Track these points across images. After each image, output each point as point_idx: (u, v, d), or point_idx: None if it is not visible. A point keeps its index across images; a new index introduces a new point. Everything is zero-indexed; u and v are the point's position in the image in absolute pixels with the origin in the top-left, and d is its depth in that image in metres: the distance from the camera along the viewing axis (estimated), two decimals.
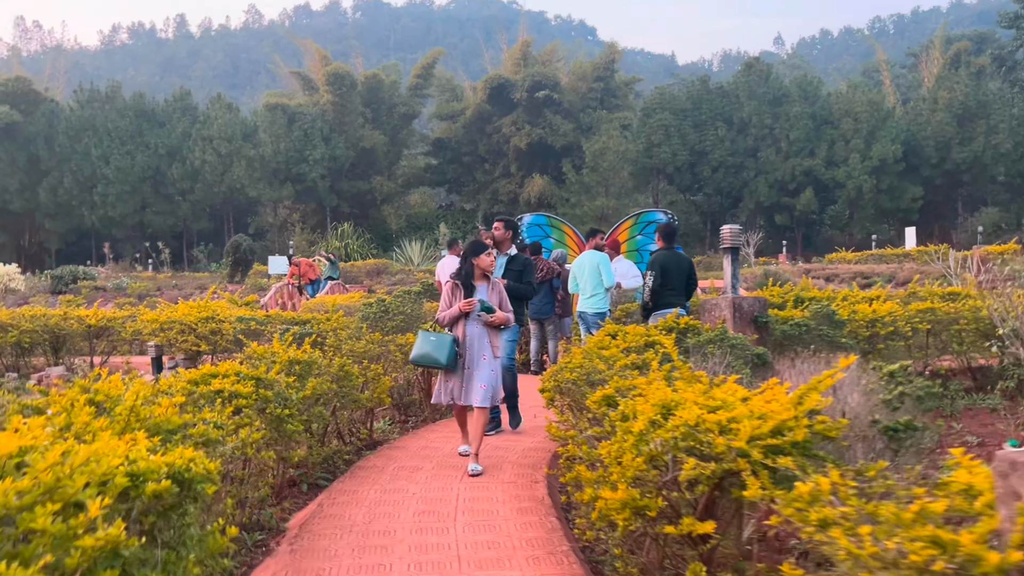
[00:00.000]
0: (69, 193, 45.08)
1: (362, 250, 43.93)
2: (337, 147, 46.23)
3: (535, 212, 14.01)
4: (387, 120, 49.56)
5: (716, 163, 44.06)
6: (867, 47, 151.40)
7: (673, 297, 7.23)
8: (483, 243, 5.76)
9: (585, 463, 3.28)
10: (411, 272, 28.57)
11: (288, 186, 45.80)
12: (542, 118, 45.76)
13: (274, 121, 46.52)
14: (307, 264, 18.68)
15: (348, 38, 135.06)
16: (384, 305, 7.22)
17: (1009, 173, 42.22)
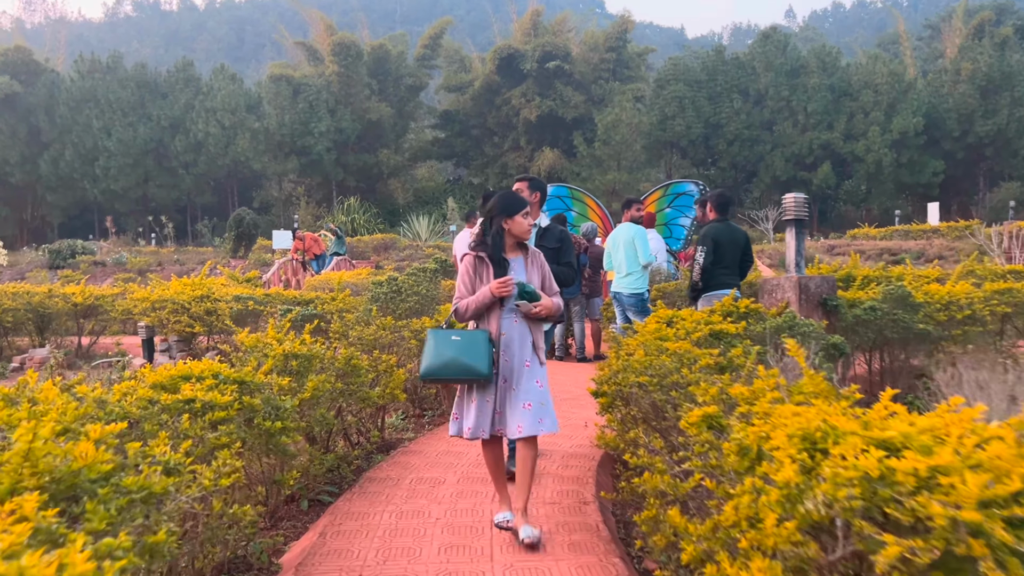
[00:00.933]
0: (71, 166, 44.24)
1: (368, 225, 43.05)
2: (343, 119, 45.22)
3: (555, 183, 12.99)
4: (394, 92, 48.46)
5: (731, 136, 42.92)
6: (880, 20, 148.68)
7: (727, 276, 6.36)
8: (519, 198, 3.80)
9: (676, 502, 2.44)
10: (420, 247, 27.71)
11: (293, 159, 44.88)
12: (552, 89, 44.63)
13: (279, 93, 45.46)
14: (312, 238, 17.82)
15: (354, 11, 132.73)
16: (396, 284, 6.36)
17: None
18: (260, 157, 44.34)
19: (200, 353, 8.96)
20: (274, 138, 44.59)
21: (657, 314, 4.93)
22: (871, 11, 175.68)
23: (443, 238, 38.74)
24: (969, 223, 24.23)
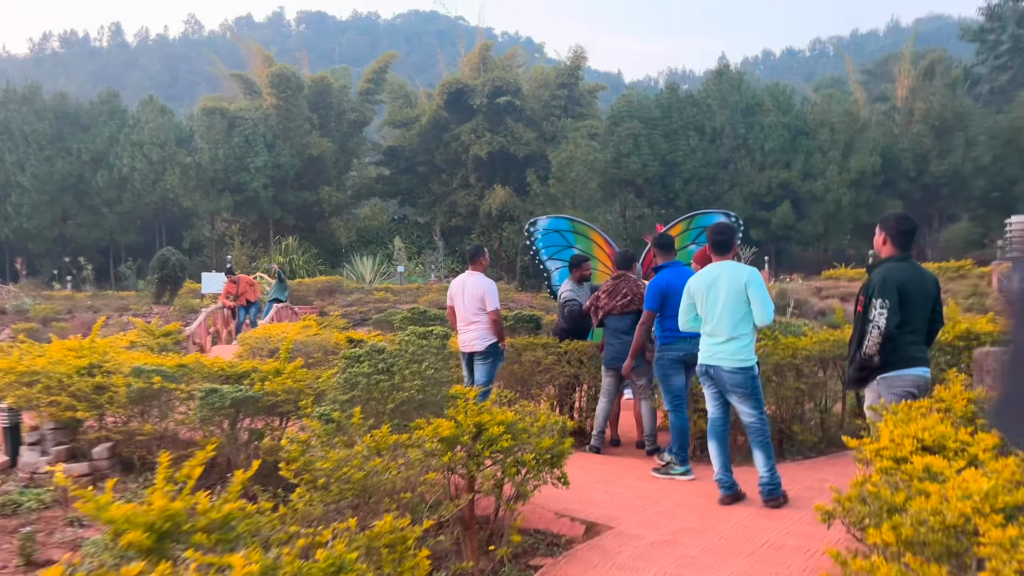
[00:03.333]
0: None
1: (308, 266, 40.37)
2: (281, 154, 42.61)
3: (553, 214, 10.82)
4: (336, 127, 46.14)
5: (688, 174, 41.67)
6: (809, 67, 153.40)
7: (915, 346, 4.30)
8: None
9: None
10: (368, 291, 25.21)
11: (227, 196, 41.96)
12: (503, 126, 42.89)
13: (212, 126, 42.71)
14: (247, 282, 15.24)
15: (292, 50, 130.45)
16: (385, 360, 4.05)
17: (987, 187, 40.74)
18: (191, 194, 41.35)
19: (87, 447, 6.41)
20: (206, 174, 41.69)
21: (922, 403, 2.74)
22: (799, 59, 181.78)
23: (390, 279, 36.31)
24: (962, 263, 22.98)
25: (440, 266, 39.12)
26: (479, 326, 6.91)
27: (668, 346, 5.95)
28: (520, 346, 7.31)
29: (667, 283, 5.97)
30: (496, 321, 6.95)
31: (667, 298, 5.89)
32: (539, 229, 10.05)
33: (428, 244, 44.37)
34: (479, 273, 7.18)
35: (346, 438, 3.46)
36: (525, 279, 35.63)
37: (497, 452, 3.69)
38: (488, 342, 6.88)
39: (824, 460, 6.23)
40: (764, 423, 5.01)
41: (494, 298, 6.97)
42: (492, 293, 7.01)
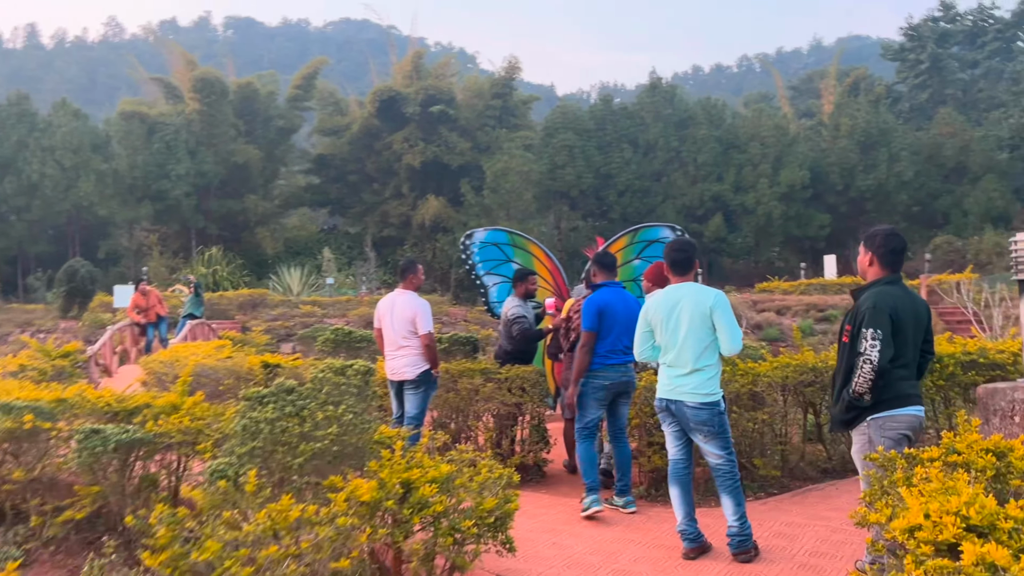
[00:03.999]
0: None
1: (232, 278, 38.80)
2: (205, 162, 40.98)
3: (490, 227, 10.14)
4: (263, 134, 44.67)
5: (622, 187, 41.69)
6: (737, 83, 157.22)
7: (907, 382, 3.78)
8: None
9: None
10: (295, 304, 24.11)
11: (146, 204, 40.11)
12: (437, 135, 42.19)
13: (130, 131, 40.86)
14: (156, 296, 14.15)
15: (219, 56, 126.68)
16: (294, 402, 3.32)
17: (910, 202, 41.86)
18: (107, 202, 39.32)
19: None
20: (124, 181, 39.78)
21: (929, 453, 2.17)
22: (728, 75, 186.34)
23: (318, 292, 35.13)
24: None
25: (372, 278, 38.10)
26: (409, 351, 6.22)
27: (594, 373, 5.44)
28: (456, 372, 6.64)
29: (605, 303, 5.45)
30: (429, 346, 6.25)
31: (603, 319, 5.38)
32: (476, 242, 9.41)
33: (359, 255, 43.24)
34: (411, 292, 6.49)
35: (238, 512, 2.74)
36: (460, 292, 34.93)
37: (429, 516, 3.02)
38: (419, 369, 6.19)
39: (789, 498, 5.72)
40: (733, 465, 4.45)
41: (427, 320, 6.29)
42: (425, 314, 6.32)
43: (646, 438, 5.63)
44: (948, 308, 19.95)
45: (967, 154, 41.75)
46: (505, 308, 7.27)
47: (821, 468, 6.30)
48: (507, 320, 7.15)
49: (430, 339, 6.28)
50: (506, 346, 7.18)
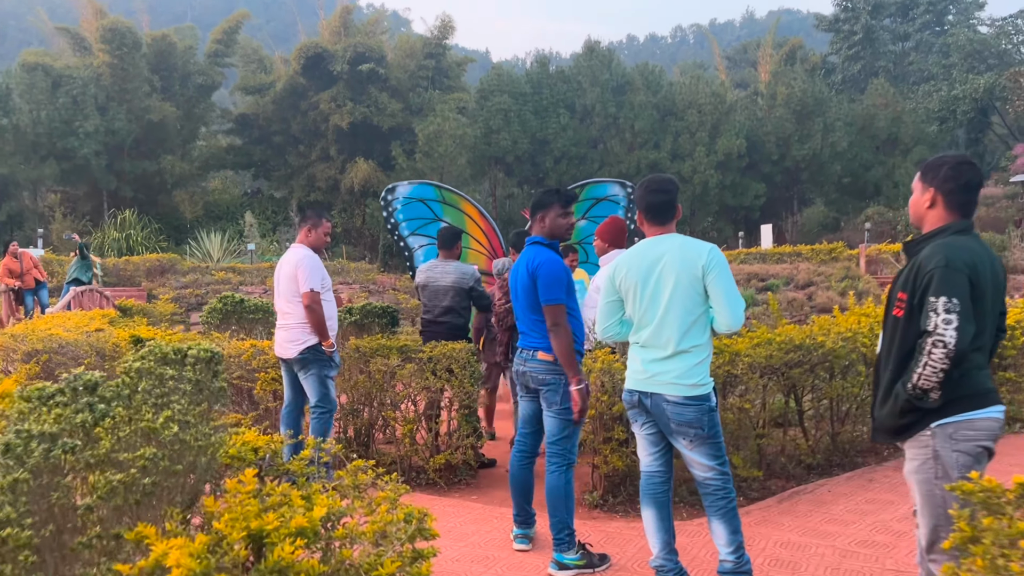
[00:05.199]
0: None
1: (148, 243, 36.60)
2: (116, 119, 38.27)
3: (416, 180, 8.87)
4: (181, 91, 42.01)
5: (559, 153, 40.64)
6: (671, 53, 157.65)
7: (986, 372, 2.79)
8: None
9: None
10: (208, 270, 22.41)
11: (52, 163, 37.31)
12: (367, 95, 40.34)
13: (33, 84, 37.74)
14: (31, 259, 12.53)
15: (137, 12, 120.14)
16: (95, 408, 2.18)
17: (843, 172, 42.03)
18: (7, 159, 36.53)
19: None
20: (27, 137, 36.90)
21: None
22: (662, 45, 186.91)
23: (239, 258, 33.34)
24: (833, 246, 22.82)
25: None
26: (292, 321, 5.17)
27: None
28: (368, 350, 5.48)
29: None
30: (309, 308, 5.08)
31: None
32: (399, 198, 8.24)
33: (284, 220, 41.34)
34: (302, 245, 5.42)
35: None
36: (388, 259, 33.59)
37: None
38: (302, 344, 5.09)
39: (775, 505, 4.77)
40: (727, 479, 3.42)
41: (309, 276, 5.14)
42: (307, 268, 5.16)
43: (602, 433, 4.58)
44: (888, 278, 19.69)
45: (899, 126, 42.04)
46: (470, 273, 6.31)
47: (804, 464, 5.37)
48: (475, 286, 6.34)
49: (310, 299, 5.13)
50: (482, 323, 6.54)
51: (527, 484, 4.20)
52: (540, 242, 4.06)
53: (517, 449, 4.21)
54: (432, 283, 6.19)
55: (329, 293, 5.24)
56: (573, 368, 3.77)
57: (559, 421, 3.86)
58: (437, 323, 6.07)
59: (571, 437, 3.95)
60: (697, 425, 3.33)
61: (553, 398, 3.89)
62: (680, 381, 3.27)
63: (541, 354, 3.94)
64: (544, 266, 3.90)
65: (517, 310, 4.02)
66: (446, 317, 6.05)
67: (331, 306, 5.24)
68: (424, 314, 6.31)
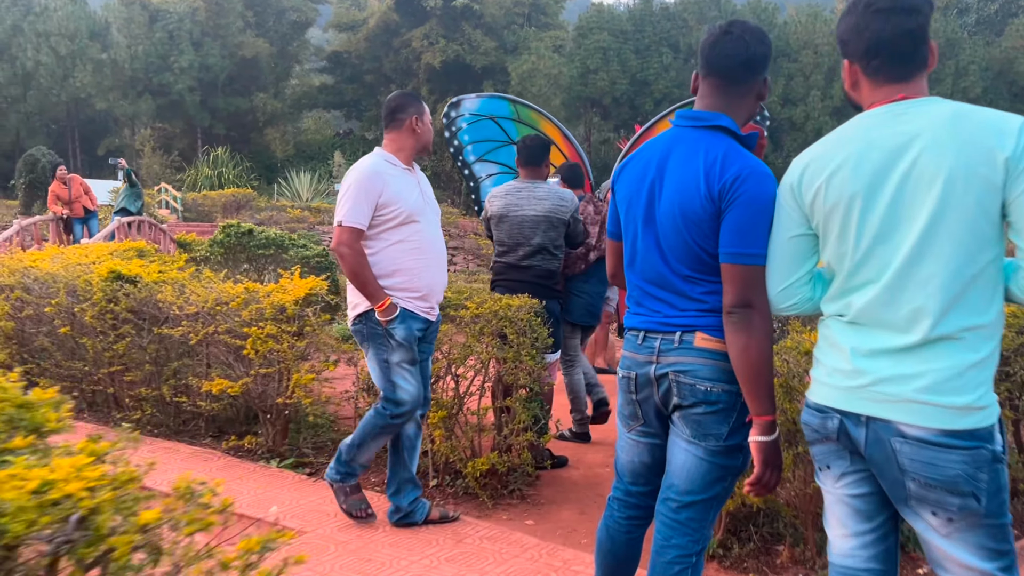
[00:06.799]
0: None
1: (239, 180, 36.43)
2: (210, 54, 38.06)
3: (485, 93, 7.27)
4: (275, 27, 41.57)
5: (659, 95, 38.24)
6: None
7: None
8: None
9: None
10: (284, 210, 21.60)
11: (148, 99, 37.53)
12: (460, 33, 38.82)
13: (131, 18, 37.90)
14: (81, 185, 11.72)
15: None
16: None
17: None
18: (106, 94, 36.89)
19: None
20: (124, 72, 37.14)
21: None
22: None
23: (328, 199, 32.82)
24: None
25: None
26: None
27: None
28: None
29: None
30: (338, 251, 3.36)
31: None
32: (464, 114, 6.77)
33: None
34: (379, 152, 3.57)
35: None
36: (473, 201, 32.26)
37: None
38: (353, 309, 3.47)
39: None
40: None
41: (349, 201, 3.35)
42: (350, 190, 3.37)
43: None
44: None
45: None
46: (567, 201, 4.50)
47: None
48: (573, 219, 4.54)
49: (339, 238, 3.35)
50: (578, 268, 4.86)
51: (628, 562, 2.40)
52: (724, 127, 2.12)
53: (621, 513, 2.37)
54: (514, 212, 4.42)
55: (402, 230, 3.40)
56: (762, 392, 2.00)
57: (712, 468, 2.12)
58: (520, 268, 4.40)
59: (718, 501, 2.22)
60: (968, 488, 1.68)
61: (714, 426, 2.11)
62: (938, 399, 1.62)
63: (702, 337, 2.11)
64: (752, 181, 2.04)
65: (642, 252, 2.19)
66: (535, 259, 4.37)
67: (400, 251, 3.39)
68: (499, 257, 4.53)
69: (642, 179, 2.22)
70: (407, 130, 3.53)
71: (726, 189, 2.04)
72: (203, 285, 4.38)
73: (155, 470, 3.64)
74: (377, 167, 3.42)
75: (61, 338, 4.82)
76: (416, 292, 3.41)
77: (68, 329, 4.71)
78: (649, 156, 2.23)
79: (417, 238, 3.44)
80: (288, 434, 4.37)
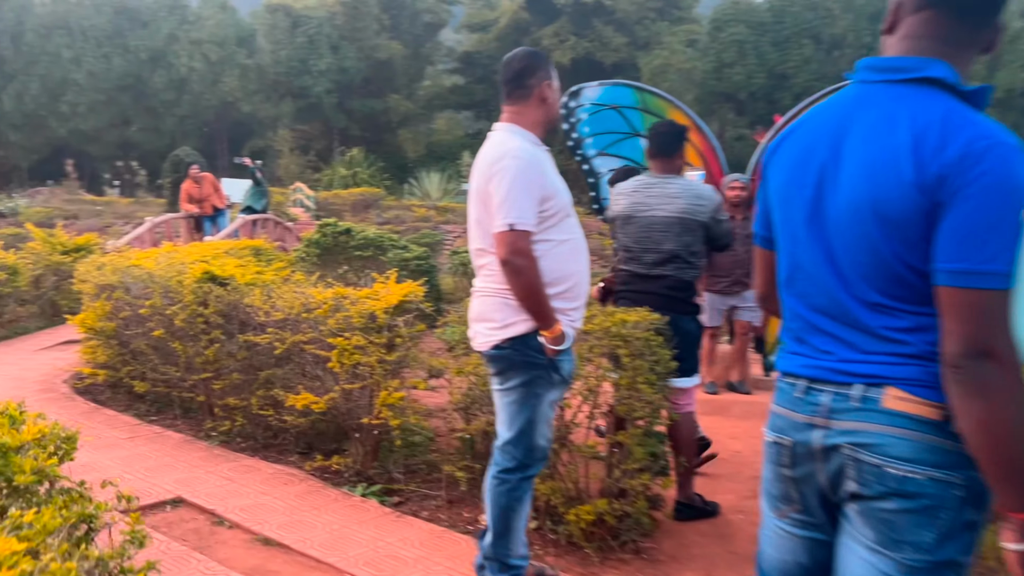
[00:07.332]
0: (36, 101, 38.83)
1: (373, 180, 37.31)
2: (346, 57, 39.19)
3: (608, 81, 6.59)
4: (408, 29, 42.31)
5: (799, 89, 36.21)
6: None
7: None
8: None
9: None
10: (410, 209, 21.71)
11: (288, 102, 39.07)
12: (590, 29, 38.30)
13: (275, 25, 39.60)
14: (212, 183, 11.95)
15: None
16: None
17: None
18: (250, 98, 38.68)
19: None
20: (268, 76, 38.86)
21: None
22: None
23: (454, 198, 33.05)
24: None
25: None
26: (490, 278, 2.77)
27: None
28: None
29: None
30: (509, 263, 2.61)
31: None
32: (584, 104, 6.21)
33: None
34: (512, 127, 2.85)
35: None
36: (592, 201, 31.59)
37: None
38: (502, 328, 2.70)
39: None
40: None
41: (510, 191, 2.63)
42: (511, 174, 2.65)
43: None
44: None
45: None
46: (713, 200, 3.75)
47: None
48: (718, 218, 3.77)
49: (509, 245, 2.60)
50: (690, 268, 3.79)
51: None
52: (940, 80, 1.45)
53: None
54: (642, 212, 3.73)
55: (563, 226, 2.76)
56: (1017, 476, 1.33)
57: None
58: (648, 277, 3.71)
59: None
60: None
61: (913, 531, 1.42)
62: None
63: (896, 396, 1.45)
64: (992, 158, 1.34)
65: (806, 267, 1.55)
66: (666, 268, 3.66)
67: (566, 252, 2.73)
68: (624, 263, 3.85)
69: (806, 161, 1.54)
70: (536, 100, 2.83)
71: (948, 171, 1.35)
72: (292, 289, 4.05)
73: (230, 493, 3.24)
74: (534, 152, 2.74)
75: (156, 341, 4.64)
76: (577, 304, 2.76)
77: (161, 332, 4.51)
78: (818, 128, 1.57)
79: (577, 235, 2.78)
80: (379, 454, 3.98)
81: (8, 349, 7.52)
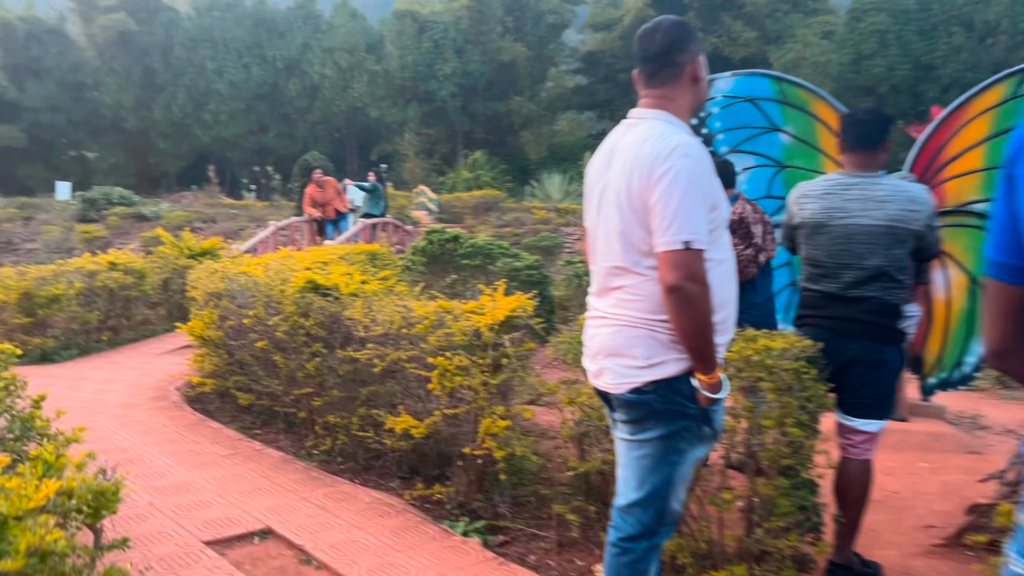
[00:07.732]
0: (183, 110, 41.30)
1: (495, 183, 37.50)
2: (471, 61, 39.52)
3: (741, 71, 5.97)
4: (532, 30, 42.26)
5: (948, 80, 33.75)
6: None
7: None
8: None
9: None
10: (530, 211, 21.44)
11: (414, 106, 39.79)
12: (718, 24, 37.04)
13: (403, 31, 40.42)
14: (334, 188, 12.01)
15: None
16: None
17: None
18: (378, 103, 39.67)
19: None
20: (394, 82, 39.70)
21: None
22: None
23: (576, 200, 32.65)
24: None
25: None
26: (628, 303, 2.22)
27: None
28: None
29: None
30: (679, 290, 2.07)
31: None
32: (716, 96, 5.63)
33: None
34: (662, 113, 2.30)
35: None
36: None
37: None
38: (645, 368, 2.17)
39: None
40: None
41: (684, 199, 2.10)
42: (684, 178, 2.11)
43: None
44: None
45: None
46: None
47: None
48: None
49: (683, 268, 2.07)
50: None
51: None
52: None
53: None
54: (839, 220, 3.10)
55: (721, 242, 2.28)
56: None
57: None
58: (846, 300, 3.08)
59: None
60: None
61: None
62: None
63: None
64: None
65: None
66: (870, 288, 3.03)
67: (722, 275, 2.24)
68: (811, 282, 3.23)
69: None
70: (687, 80, 2.29)
71: None
72: (393, 302, 3.75)
73: (322, 525, 2.86)
74: (702, 149, 2.22)
75: (260, 352, 4.47)
76: (728, 338, 2.29)
77: (264, 344, 4.33)
78: None
79: (731, 254, 2.32)
80: (484, 485, 3.62)
81: (134, 352, 7.72)
